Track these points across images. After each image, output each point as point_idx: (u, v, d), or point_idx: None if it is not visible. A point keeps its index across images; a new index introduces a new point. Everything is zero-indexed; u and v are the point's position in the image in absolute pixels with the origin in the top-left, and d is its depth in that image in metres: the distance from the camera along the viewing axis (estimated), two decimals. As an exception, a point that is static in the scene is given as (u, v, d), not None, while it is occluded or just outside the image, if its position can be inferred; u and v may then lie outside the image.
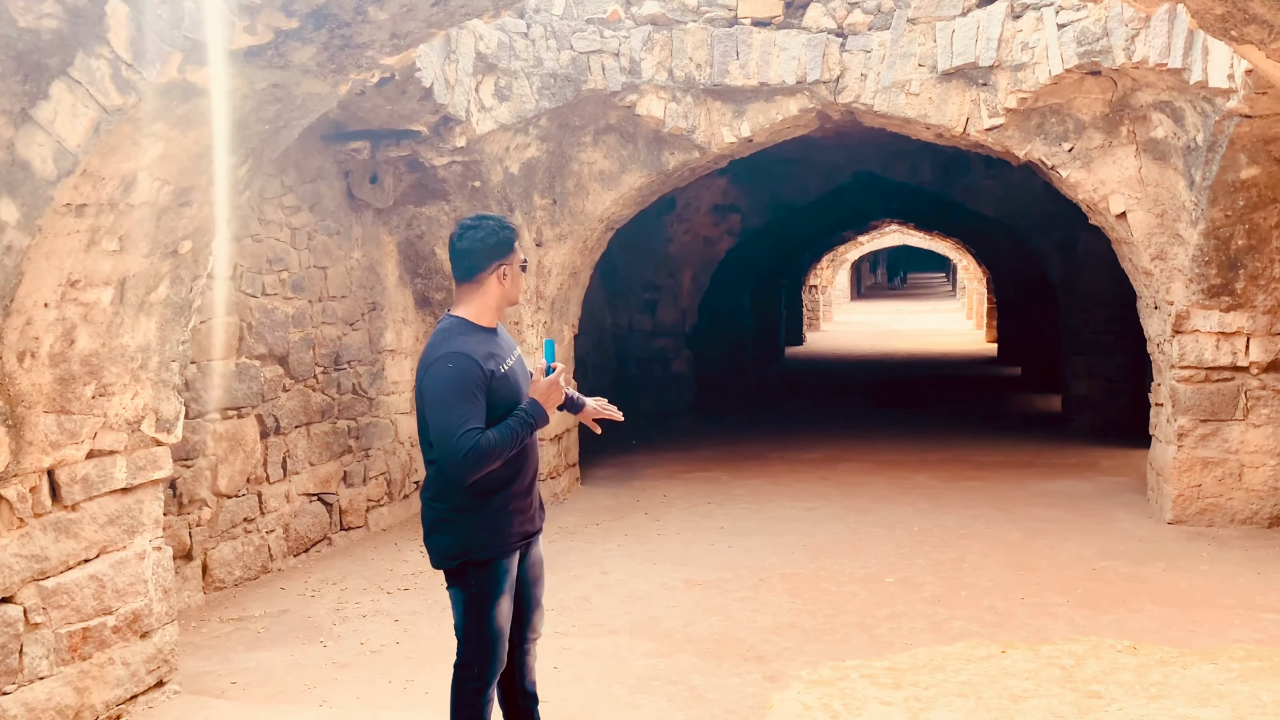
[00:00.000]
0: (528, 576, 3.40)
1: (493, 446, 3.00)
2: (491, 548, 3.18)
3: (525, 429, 3.08)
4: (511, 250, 3.23)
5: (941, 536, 7.07)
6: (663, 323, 12.53)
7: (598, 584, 6.07)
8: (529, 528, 3.32)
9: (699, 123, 7.48)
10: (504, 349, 3.24)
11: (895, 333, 27.13)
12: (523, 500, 3.26)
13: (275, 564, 6.24)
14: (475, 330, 3.17)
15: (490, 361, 3.11)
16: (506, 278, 3.22)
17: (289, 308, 6.39)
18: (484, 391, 3.05)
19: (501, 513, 3.20)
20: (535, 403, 3.12)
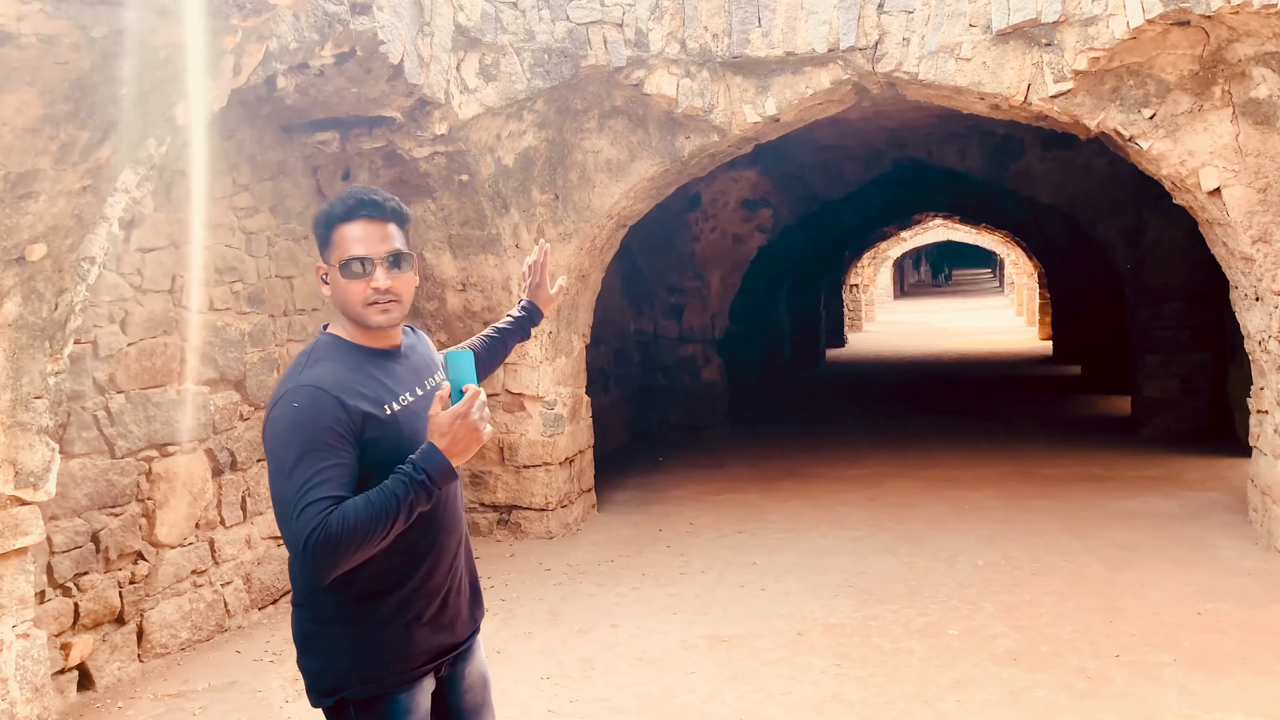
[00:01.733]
0: (461, 707, 2.37)
1: (353, 527, 1.92)
2: (378, 679, 2.15)
3: (413, 492, 1.96)
4: (327, 243, 2.17)
5: (1010, 572, 6.06)
6: (690, 328, 11.58)
7: (605, 642, 5.15)
8: (445, 639, 2.26)
9: (717, 101, 6.54)
10: (408, 377, 2.21)
11: (941, 332, 25.92)
12: (431, 601, 2.21)
13: (234, 620, 5.39)
14: (352, 352, 2.15)
15: (363, 397, 2.08)
16: (327, 282, 2.20)
17: (244, 324, 5.55)
18: (351, 441, 2.02)
19: (394, 625, 2.16)
20: (430, 449, 1.98)
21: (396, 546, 2.09)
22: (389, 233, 2.13)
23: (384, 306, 2.11)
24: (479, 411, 1.97)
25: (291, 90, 5.37)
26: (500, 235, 6.72)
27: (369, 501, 1.95)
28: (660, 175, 6.97)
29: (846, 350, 22.13)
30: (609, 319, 10.64)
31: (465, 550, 2.34)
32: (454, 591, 2.28)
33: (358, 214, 2.11)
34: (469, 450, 1.99)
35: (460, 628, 2.31)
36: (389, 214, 2.14)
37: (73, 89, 2.64)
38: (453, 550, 2.27)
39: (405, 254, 2.16)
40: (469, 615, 2.35)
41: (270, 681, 4.73)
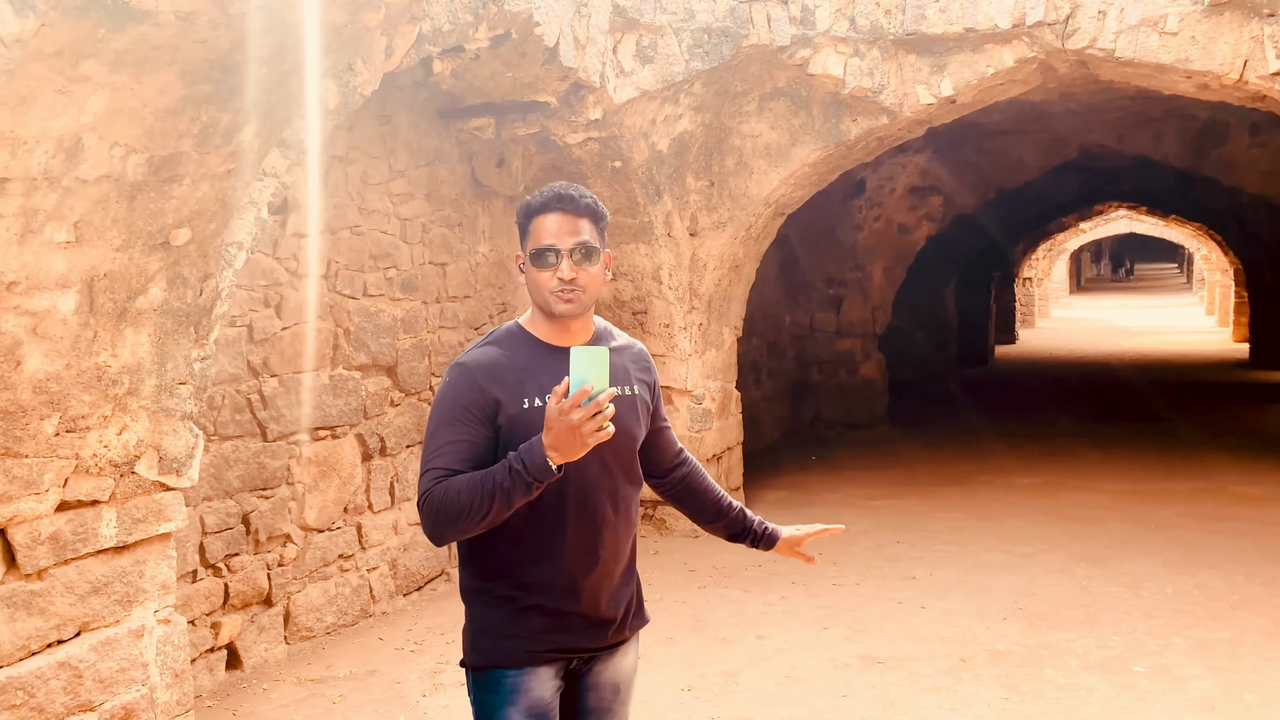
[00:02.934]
0: (585, 704, 2.29)
1: (451, 500, 2.01)
2: (488, 653, 2.18)
3: (510, 480, 1.98)
4: (525, 233, 2.22)
5: (1206, 604, 5.44)
6: (849, 321, 11.11)
7: (750, 654, 4.88)
8: (573, 641, 2.20)
9: (888, 81, 6.12)
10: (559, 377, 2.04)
11: (1122, 330, 24.26)
12: (554, 596, 2.16)
13: (378, 606, 5.41)
14: (524, 342, 2.22)
15: (503, 386, 2.12)
16: (524, 270, 2.23)
17: (397, 310, 5.54)
18: (482, 422, 2.10)
19: (507, 608, 2.17)
20: (536, 442, 1.98)
21: (517, 533, 2.13)
22: (580, 226, 2.18)
23: (568, 296, 2.16)
24: (583, 412, 1.92)
25: (447, 74, 5.30)
26: (652, 223, 6.51)
27: (471, 481, 2.02)
28: (823, 160, 6.60)
29: (1017, 347, 20.97)
30: (763, 311, 10.31)
31: (619, 560, 2.26)
32: (594, 592, 2.20)
33: (552, 207, 2.18)
34: (571, 450, 1.96)
35: (599, 631, 2.24)
36: (582, 209, 2.20)
37: (213, 69, 2.56)
38: (593, 553, 2.19)
39: (593, 247, 2.19)
40: (610, 627, 2.25)
41: (410, 672, 4.69)
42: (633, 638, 2.35)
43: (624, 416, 2.18)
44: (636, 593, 2.35)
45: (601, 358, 1.95)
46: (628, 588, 2.30)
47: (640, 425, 2.30)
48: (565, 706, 2.28)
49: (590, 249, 2.17)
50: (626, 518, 2.25)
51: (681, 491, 2.50)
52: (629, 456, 2.26)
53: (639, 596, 2.36)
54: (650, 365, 2.40)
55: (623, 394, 2.22)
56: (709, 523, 2.52)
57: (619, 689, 2.33)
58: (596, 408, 1.92)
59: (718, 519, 2.50)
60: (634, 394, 2.28)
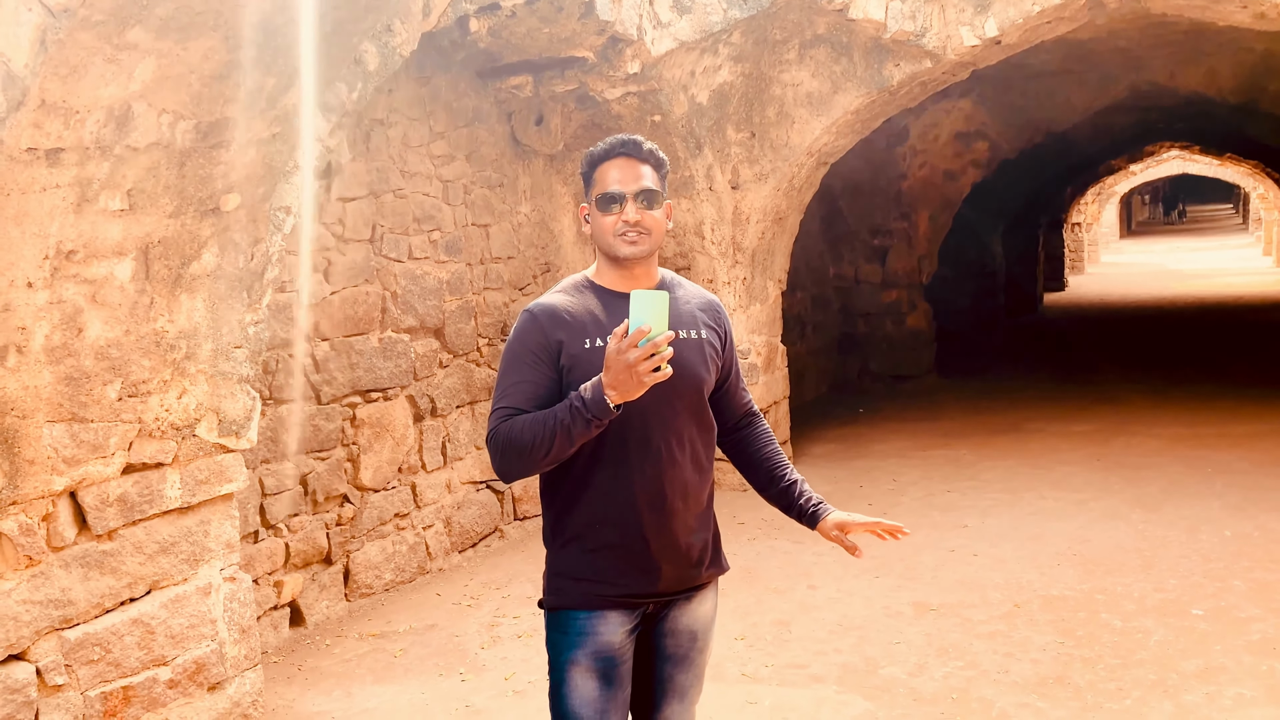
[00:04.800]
0: (662, 649, 2.30)
1: (516, 437, 2.09)
2: (560, 592, 2.24)
3: (571, 417, 2.04)
4: (590, 182, 2.27)
5: (1266, 545, 5.36)
6: (894, 272, 10.98)
7: (802, 603, 4.91)
8: (645, 584, 2.22)
9: (930, 23, 5.99)
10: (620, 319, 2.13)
11: (1175, 274, 23.72)
12: (624, 536, 2.19)
13: (435, 563, 5.51)
14: (588, 289, 2.28)
15: (567, 328, 2.19)
16: (589, 220, 2.29)
17: (443, 272, 5.58)
18: (547, 363, 2.18)
19: (576, 548, 2.22)
20: (597, 382, 2.03)
21: (585, 471, 2.18)
22: (642, 172, 2.24)
23: (632, 239, 2.21)
24: (639, 352, 1.95)
25: (484, 33, 5.28)
26: (694, 177, 6.47)
27: (535, 419, 2.08)
28: (865, 107, 6.50)
29: (1067, 294, 20.62)
30: (807, 263, 10.23)
31: (690, 503, 2.25)
32: (661, 534, 2.21)
33: (616, 153, 2.25)
34: (628, 390, 1.99)
35: (670, 577, 2.24)
36: (645, 155, 2.26)
37: (256, 32, 2.58)
38: (659, 495, 2.20)
39: (656, 192, 2.24)
40: (684, 571, 2.26)
41: (468, 626, 4.79)
42: (711, 584, 2.35)
43: (689, 359, 2.21)
44: (714, 539, 2.35)
45: (661, 301, 1.98)
46: (702, 533, 2.30)
47: (708, 370, 2.29)
48: (643, 651, 2.29)
49: (653, 194, 2.22)
50: (696, 461, 2.26)
51: (739, 449, 2.49)
52: (696, 399, 2.27)
53: (716, 543, 2.36)
54: (722, 314, 2.41)
55: (687, 337, 2.24)
56: (761, 488, 2.50)
57: (696, 636, 2.32)
58: (653, 349, 1.94)
59: (769, 486, 2.48)
60: (700, 338, 2.29)
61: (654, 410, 2.14)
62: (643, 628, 2.27)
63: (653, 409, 2.13)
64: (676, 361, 2.02)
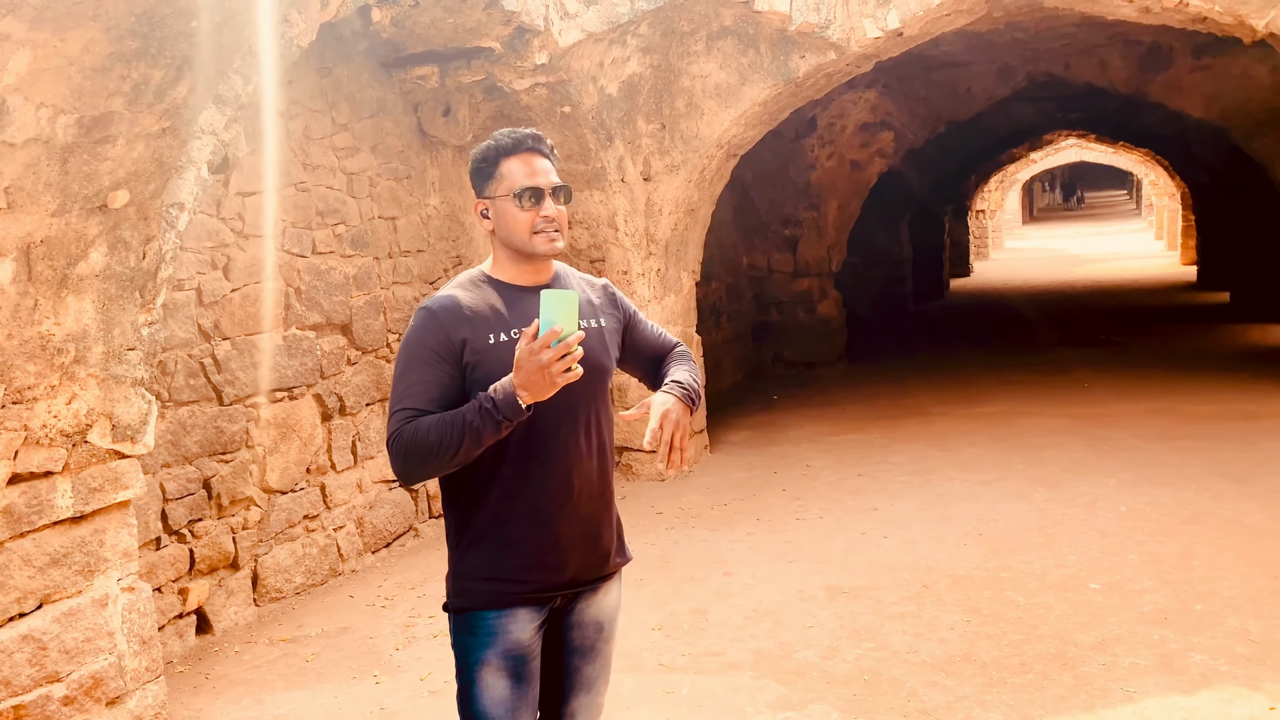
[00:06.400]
0: (569, 642, 2.30)
1: (420, 439, 2.04)
2: (468, 593, 2.20)
3: (480, 418, 2.01)
4: (491, 177, 2.22)
5: (1158, 520, 5.59)
6: (805, 261, 11.14)
7: (719, 590, 4.96)
8: (553, 577, 2.21)
9: (834, 15, 6.08)
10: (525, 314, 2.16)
11: (1075, 258, 24.58)
12: (532, 531, 2.18)
13: (347, 565, 5.41)
14: (484, 285, 2.24)
15: (469, 324, 2.14)
16: (489, 215, 2.25)
17: (349, 267, 5.47)
18: (449, 361, 2.13)
19: (482, 546, 2.19)
20: (506, 381, 2.02)
21: (491, 470, 2.15)
22: (550, 167, 2.24)
23: (550, 235, 2.19)
24: (552, 353, 1.95)
25: (387, 23, 5.19)
26: (605, 169, 6.46)
27: (441, 420, 2.04)
28: (773, 99, 6.57)
29: (972, 280, 21.19)
30: (720, 254, 10.31)
31: (595, 494, 2.26)
32: (570, 528, 2.21)
33: (526, 147, 2.21)
34: (540, 390, 1.99)
35: (578, 568, 2.24)
36: (548, 151, 2.26)
37: (139, 23, 2.48)
38: (567, 488, 2.20)
39: (569, 189, 2.26)
40: (590, 561, 2.26)
41: (382, 627, 4.72)
42: (615, 575, 2.36)
43: (593, 350, 2.20)
44: (617, 529, 2.35)
45: (571, 300, 1.98)
46: (607, 524, 2.30)
47: (610, 357, 2.31)
48: (550, 645, 2.28)
49: (567, 190, 2.24)
50: (601, 450, 2.27)
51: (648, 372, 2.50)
52: (601, 388, 2.28)
53: (619, 533, 2.36)
54: (616, 294, 2.43)
55: (589, 327, 2.24)
56: None
57: (602, 627, 2.33)
58: (566, 349, 1.95)
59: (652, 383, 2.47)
60: (601, 326, 2.30)
61: (561, 403, 2.12)
62: (549, 620, 2.25)
63: (560, 402, 2.11)
64: (585, 355, 2.03)
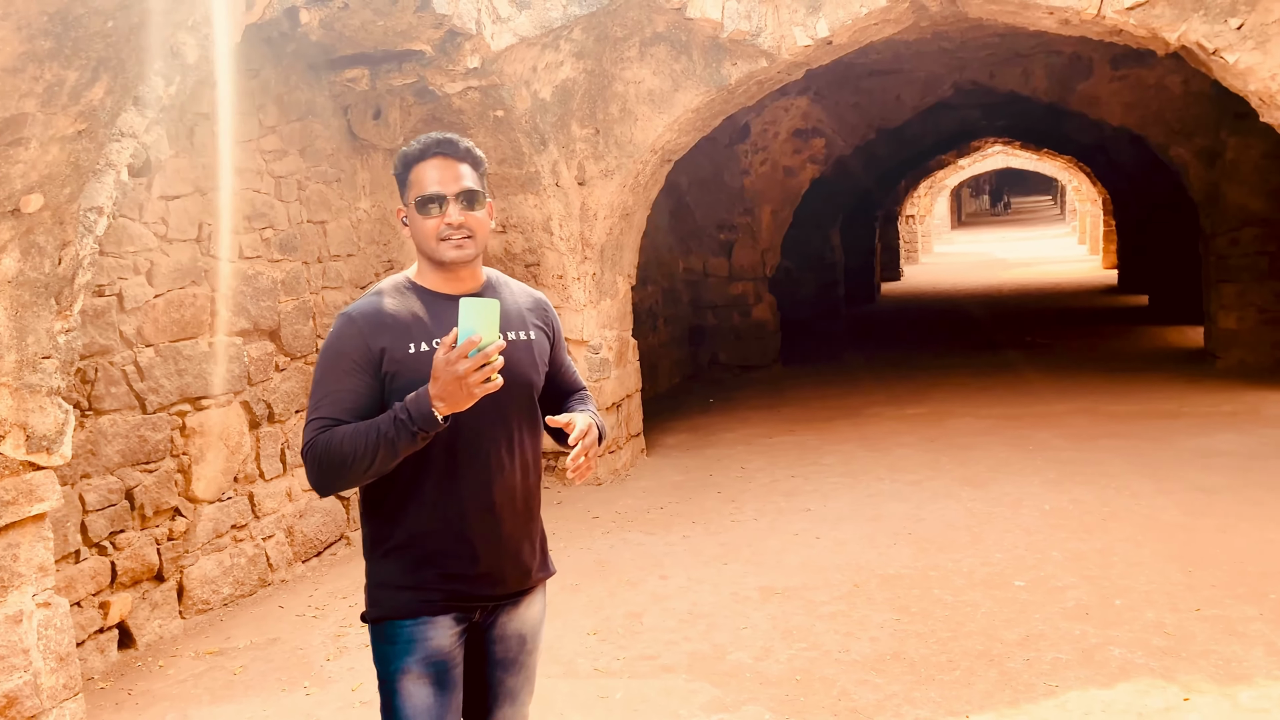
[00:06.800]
0: (492, 655, 2.27)
1: (335, 449, 2.01)
2: (386, 603, 2.17)
3: (395, 429, 1.98)
4: (405, 183, 2.18)
5: (1079, 517, 5.75)
6: (740, 265, 11.25)
7: (654, 594, 4.98)
8: (473, 588, 2.18)
9: (765, 23, 6.15)
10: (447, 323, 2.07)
11: (1001, 263, 25.17)
12: (451, 543, 2.14)
13: (277, 575, 5.32)
14: (409, 291, 2.19)
15: (389, 332, 2.09)
16: (406, 224, 2.22)
17: (277, 272, 5.38)
18: (367, 371, 2.09)
19: (403, 557, 2.16)
20: (423, 392, 1.97)
21: (411, 481, 2.11)
22: (461, 172, 2.16)
23: (457, 242, 2.14)
24: (470, 363, 1.91)
25: (315, 25, 5.11)
26: (539, 173, 6.45)
27: (356, 430, 2.01)
28: (706, 105, 6.62)
29: (902, 284, 21.58)
30: (656, 258, 10.36)
31: (518, 509, 2.22)
32: (489, 542, 2.17)
33: (432, 153, 2.16)
34: (457, 401, 1.95)
35: (498, 581, 2.21)
36: (462, 154, 2.17)
37: (52, 22, 2.42)
38: (487, 502, 2.16)
39: (478, 192, 2.18)
40: (512, 575, 2.23)
41: (313, 637, 4.64)
42: (539, 588, 2.33)
43: (519, 362, 2.17)
44: (541, 544, 2.32)
45: (491, 309, 1.93)
46: (530, 539, 2.27)
47: (538, 371, 2.27)
48: (473, 660, 2.25)
49: (475, 194, 2.16)
50: (524, 465, 2.22)
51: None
52: (526, 402, 2.23)
53: (543, 547, 2.34)
54: (550, 312, 2.37)
55: (517, 339, 2.20)
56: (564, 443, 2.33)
57: (525, 640, 2.31)
58: (484, 359, 1.91)
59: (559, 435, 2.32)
60: (530, 339, 2.25)
61: (484, 416, 2.07)
62: (471, 633, 2.22)
63: (482, 414, 2.06)
64: (507, 365, 1.99)
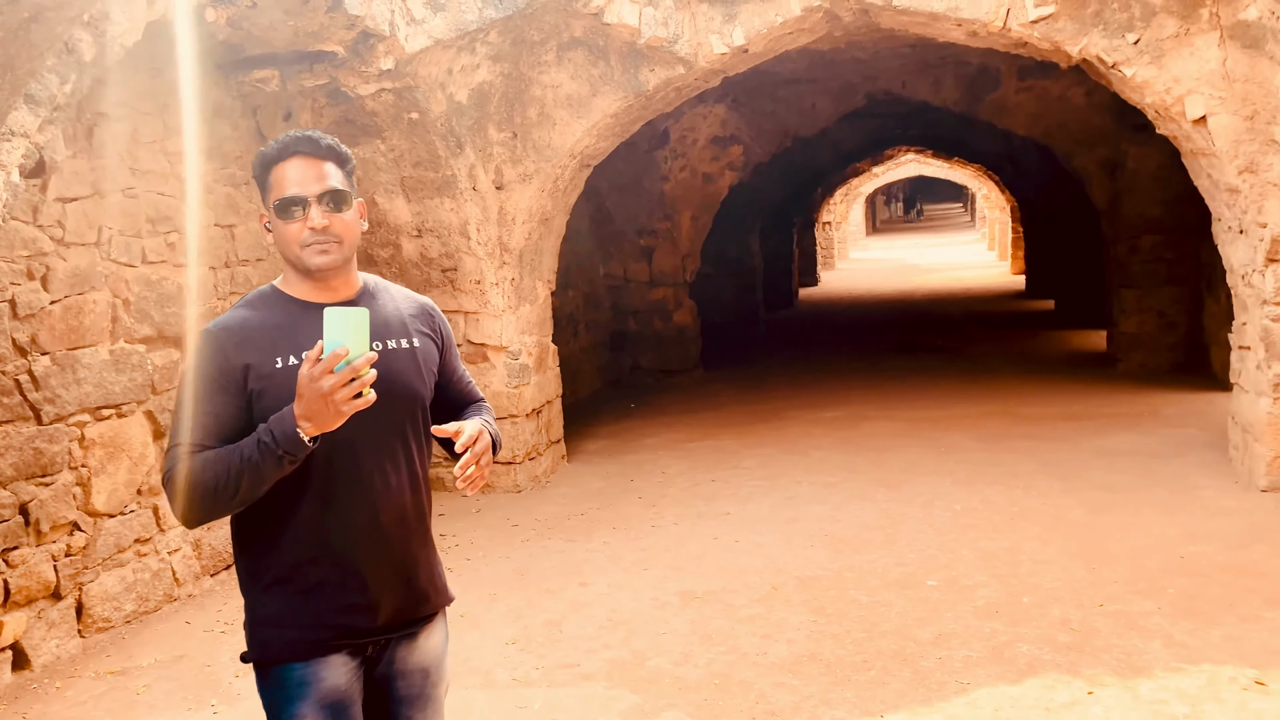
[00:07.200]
0: (395, 692, 2.12)
1: (196, 478, 1.86)
2: (272, 643, 2.01)
3: (260, 454, 1.84)
4: (265, 187, 2.01)
5: (989, 517, 5.90)
6: (661, 271, 11.28)
7: (574, 601, 4.95)
8: (364, 621, 2.03)
9: (682, 30, 6.19)
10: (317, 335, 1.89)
11: (914, 268, 25.74)
12: (339, 574, 1.99)
13: (183, 589, 5.15)
14: (278, 302, 2.03)
15: (255, 348, 1.95)
16: (270, 229, 2.05)
17: (182, 277, 5.22)
18: (231, 391, 1.93)
19: (282, 590, 1.99)
20: (287, 412, 1.83)
21: (288, 507, 1.97)
22: (325, 171, 1.99)
23: (323, 247, 1.98)
24: (336, 378, 1.77)
25: (223, 23, 4.98)
26: (456, 177, 6.38)
27: (218, 457, 1.87)
28: (624, 111, 6.63)
29: (820, 289, 21.91)
30: (576, 263, 10.33)
31: (408, 532, 2.08)
32: (379, 569, 2.03)
33: (292, 152, 1.98)
34: (324, 420, 1.81)
35: (388, 613, 2.06)
36: (324, 152, 2.01)
37: (-66, 16, 2.30)
38: (373, 526, 2.02)
39: (344, 192, 2.01)
40: (406, 603, 2.09)
41: (221, 654, 4.50)
42: (439, 616, 2.20)
43: (401, 373, 2.04)
44: (436, 567, 2.18)
45: (359, 318, 1.78)
46: (424, 563, 2.13)
47: (423, 381, 2.12)
48: (374, 699, 2.11)
49: (341, 194, 1.99)
50: (413, 482, 2.09)
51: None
52: (411, 414, 2.09)
53: (439, 571, 2.19)
54: (437, 317, 2.23)
55: (398, 347, 2.07)
56: None
57: (429, 672, 2.17)
58: (352, 373, 1.77)
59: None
60: (413, 347, 2.10)
61: (363, 431, 1.93)
62: (369, 669, 2.08)
63: (362, 430, 1.92)
64: (388, 375, 1.87)
